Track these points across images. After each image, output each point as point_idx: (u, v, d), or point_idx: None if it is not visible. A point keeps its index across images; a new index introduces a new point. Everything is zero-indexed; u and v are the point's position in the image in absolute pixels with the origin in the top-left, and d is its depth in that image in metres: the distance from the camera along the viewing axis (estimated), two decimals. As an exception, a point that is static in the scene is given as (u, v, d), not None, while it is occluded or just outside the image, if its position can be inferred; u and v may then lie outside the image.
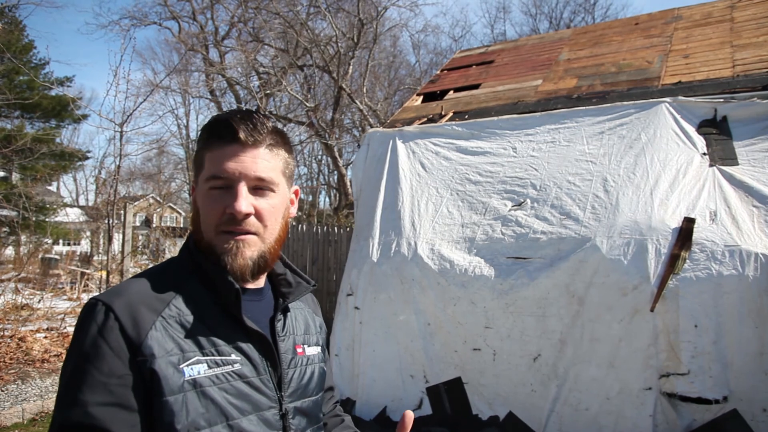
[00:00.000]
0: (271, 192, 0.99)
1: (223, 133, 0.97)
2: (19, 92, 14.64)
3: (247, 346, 0.95)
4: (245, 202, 0.95)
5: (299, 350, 1.07)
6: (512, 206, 4.04)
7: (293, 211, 1.11)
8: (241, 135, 0.96)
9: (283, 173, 1.03)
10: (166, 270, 0.99)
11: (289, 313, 1.09)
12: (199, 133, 1.03)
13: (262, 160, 0.98)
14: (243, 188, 0.95)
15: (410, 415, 1.02)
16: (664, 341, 3.21)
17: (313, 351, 1.12)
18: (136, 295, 0.90)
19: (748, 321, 3.05)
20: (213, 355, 0.90)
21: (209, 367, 0.89)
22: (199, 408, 0.86)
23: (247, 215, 0.95)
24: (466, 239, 4.05)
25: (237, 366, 0.92)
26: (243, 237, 0.96)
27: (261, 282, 1.06)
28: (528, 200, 4.01)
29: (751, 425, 3.02)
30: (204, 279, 0.97)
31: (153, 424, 0.84)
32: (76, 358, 0.84)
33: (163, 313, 0.89)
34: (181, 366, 0.86)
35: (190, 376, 0.86)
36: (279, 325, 1.05)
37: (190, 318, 0.91)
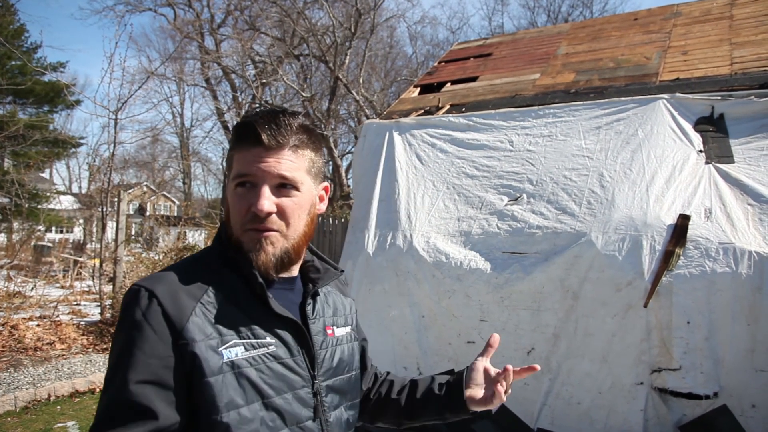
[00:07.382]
0: (295, 190, 1.04)
1: (249, 136, 1.02)
2: (11, 77, 14.46)
3: (281, 330, 1.03)
4: (267, 201, 1.00)
5: (329, 331, 1.15)
6: (508, 201, 4.04)
7: (322, 207, 1.16)
8: (264, 138, 1.01)
9: (308, 172, 1.07)
10: (201, 260, 1.06)
11: (318, 297, 1.17)
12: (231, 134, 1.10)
13: (286, 161, 1.03)
14: (266, 188, 1.01)
15: (496, 337, 1.26)
16: (657, 337, 3.23)
17: (343, 331, 1.19)
18: (176, 282, 0.97)
19: (740, 318, 3.07)
20: (249, 338, 0.98)
21: (246, 350, 0.96)
22: (237, 387, 0.93)
23: (269, 214, 1.01)
24: (461, 233, 4.05)
25: (272, 348, 1.00)
26: (266, 234, 1.02)
27: (294, 271, 1.12)
28: (524, 195, 4.01)
29: (740, 420, 3.06)
30: (238, 269, 1.03)
31: (197, 403, 0.91)
32: (123, 341, 0.91)
33: (201, 299, 0.96)
34: (220, 349, 0.94)
35: (229, 358, 0.94)
36: (309, 309, 1.12)
37: (227, 305, 0.99)
